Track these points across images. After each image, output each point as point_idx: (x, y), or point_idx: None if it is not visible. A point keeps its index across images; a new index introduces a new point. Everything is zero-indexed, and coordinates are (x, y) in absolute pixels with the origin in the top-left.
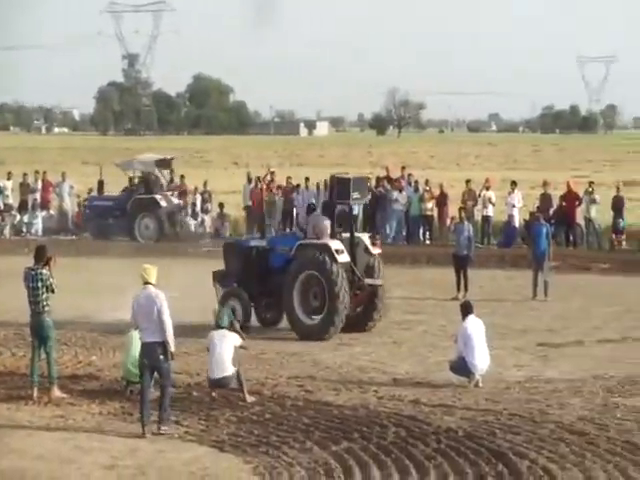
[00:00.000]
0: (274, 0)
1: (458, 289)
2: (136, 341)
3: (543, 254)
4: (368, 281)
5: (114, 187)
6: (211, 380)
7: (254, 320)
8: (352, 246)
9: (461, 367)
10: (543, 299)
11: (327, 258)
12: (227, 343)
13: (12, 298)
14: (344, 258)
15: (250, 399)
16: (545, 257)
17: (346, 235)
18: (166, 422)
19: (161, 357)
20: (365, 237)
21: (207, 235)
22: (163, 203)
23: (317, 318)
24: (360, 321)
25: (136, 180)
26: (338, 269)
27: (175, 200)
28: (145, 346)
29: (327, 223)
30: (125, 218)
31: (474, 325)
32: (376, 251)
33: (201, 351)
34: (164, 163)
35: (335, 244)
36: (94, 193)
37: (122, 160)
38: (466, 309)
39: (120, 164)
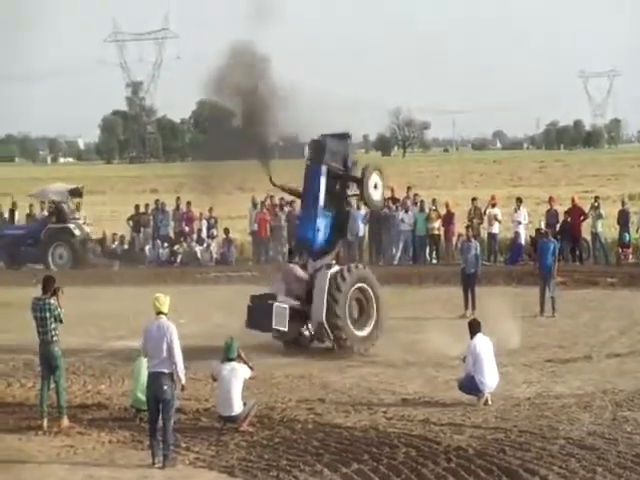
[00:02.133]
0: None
1: (466, 307)
2: (144, 369)
3: (549, 270)
4: None
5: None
6: (220, 417)
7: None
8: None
9: (470, 385)
10: (551, 315)
11: None
12: (237, 378)
13: (20, 328)
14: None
15: (245, 429)
16: (551, 273)
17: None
18: (170, 460)
19: (165, 388)
20: None
21: (213, 261)
22: (77, 232)
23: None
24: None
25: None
26: None
27: (87, 229)
28: (151, 376)
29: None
30: (38, 246)
31: (482, 343)
32: None
33: (209, 376)
34: (76, 192)
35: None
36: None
37: (36, 190)
38: (474, 327)
39: (34, 194)
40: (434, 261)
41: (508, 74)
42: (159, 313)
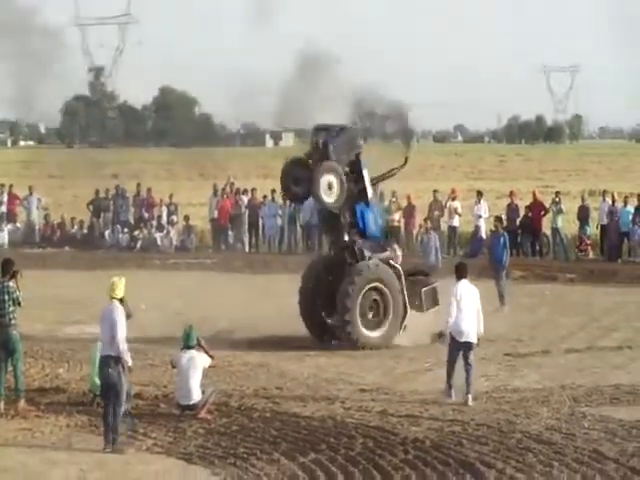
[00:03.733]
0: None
1: None
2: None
3: (500, 262)
4: None
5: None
6: (179, 405)
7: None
8: None
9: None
10: (498, 308)
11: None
12: (195, 367)
13: None
14: None
15: (203, 416)
16: (502, 265)
17: None
18: (117, 444)
19: (110, 371)
20: None
21: (173, 247)
22: None
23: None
24: None
25: None
26: None
27: None
28: (101, 360)
29: None
30: None
31: (465, 289)
32: None
33: (168, 363)
34: None
35: None
36: None
37: None
38: (460, 271)
39: None
40: None
41: (471, 68)
42: (113, 298)
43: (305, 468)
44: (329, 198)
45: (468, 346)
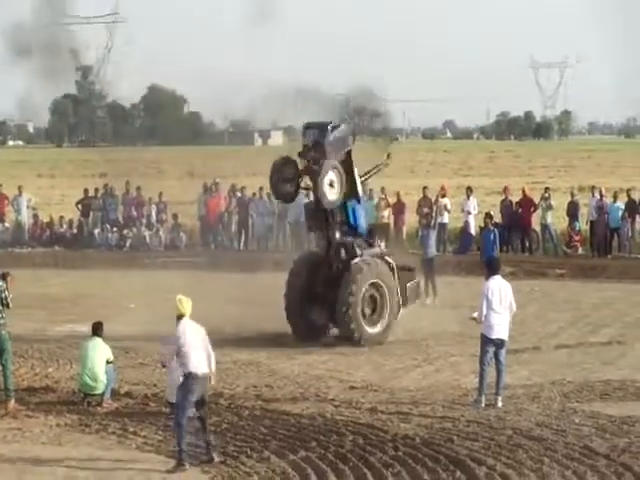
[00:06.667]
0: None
1: (427, 294)
2: (91, 352)
3: None
4: None
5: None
6: (169, 403)
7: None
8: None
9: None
10: None
11: None
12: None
13: None
14: None
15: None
16: None
17: None
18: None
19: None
20: None
21: (162, 246)
22: None
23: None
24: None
25: None
26: None
27: None
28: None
29: None
30: None
31: (497, 285)
32: None
33: (158, 362)
34: None
35: None
36: None
37: None
38: (492, 266)
39: None
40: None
41: (460, 64)
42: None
43: (295, 466)
44: (332, 196)
45: (500, 344)
